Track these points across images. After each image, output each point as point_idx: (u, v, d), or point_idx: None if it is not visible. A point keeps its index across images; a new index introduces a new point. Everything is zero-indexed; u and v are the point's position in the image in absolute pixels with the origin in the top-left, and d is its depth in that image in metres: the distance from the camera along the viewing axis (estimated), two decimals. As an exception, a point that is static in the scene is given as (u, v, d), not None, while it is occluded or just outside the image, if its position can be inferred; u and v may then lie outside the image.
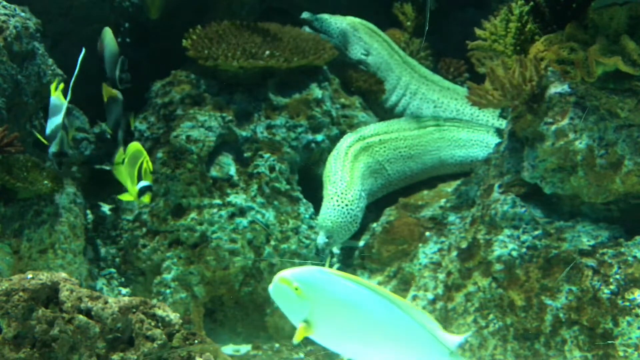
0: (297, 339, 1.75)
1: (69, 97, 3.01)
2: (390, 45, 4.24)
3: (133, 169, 2.94)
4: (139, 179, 2.90)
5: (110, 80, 3.22)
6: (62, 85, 3.06)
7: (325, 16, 4.16)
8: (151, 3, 3.62)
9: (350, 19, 4.22)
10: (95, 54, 3.24)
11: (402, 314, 1.73)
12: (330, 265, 3.36)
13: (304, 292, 1.73)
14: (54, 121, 2.97)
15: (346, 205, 3.33)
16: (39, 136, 3.10)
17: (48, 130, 2.99)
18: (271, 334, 3.40)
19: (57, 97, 3.03)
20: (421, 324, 1.73)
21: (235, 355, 3.31)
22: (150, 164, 2.94)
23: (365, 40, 4.19)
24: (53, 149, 2.94)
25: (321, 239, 3.32)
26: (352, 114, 3.86)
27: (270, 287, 1.76)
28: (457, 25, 4.50)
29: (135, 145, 2.98)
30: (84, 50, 3.13)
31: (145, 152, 2.95)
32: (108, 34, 3.25)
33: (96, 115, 3.78)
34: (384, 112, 4.11)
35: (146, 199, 2.94)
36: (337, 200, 3.33)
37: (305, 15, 4.14)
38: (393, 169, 3.62)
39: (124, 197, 3.01)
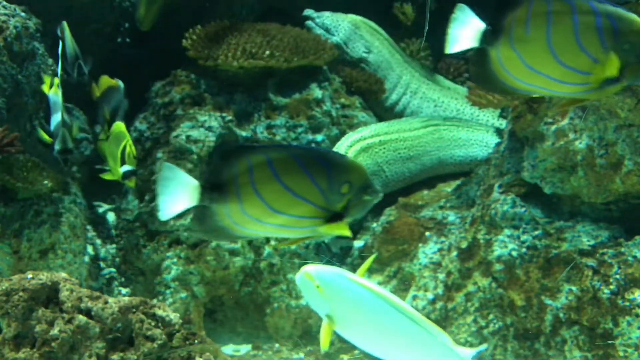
0: (323, 335, 1.80)
1: (60, 91, 3.03)
2: (391, 44, 4.24)
3: (116, 149, 2.94)
4: (123, 161, 2.91)
5: (67, 75, 3.21)
6: (57, 81, 3.07)
7: (327, 13, 4.17)
8: (144, 15, 3.61)
9: (351, 16, 4.23)
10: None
11: (416, 328, 1.75)
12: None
13: (324, 290, 1.76)
14: (56, 118, 2.99)
15: None
16: (43, 135, 3.11)
17: (52, 128, 3.02)
18: (271, 334, 3.40)
19: (55, 94, 3.05)
20: (435, 337, 1.76)
21: (235, 355, 3.30)
22: (133, 147, 2.94)
23: (366, 38, 4.19)
24: (57, 146, 2.97)
25: None
26: (352, 114, 3.85)
27: (297, 278, 1.81)
28: (457, 25, 4.49)
29: (119, 126, 2.98)
30: (61, 43, 3.14)
31: (128, 135, 2.95)
32: (66, 30, 3.23)
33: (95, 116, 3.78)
34: (384, 111, 4.10)
35: (131, 183, 2.96)
36: None
37: (307, 12, 4.15)
38: (391, 171, 3.62)
39: (106, 176, 3.02)
